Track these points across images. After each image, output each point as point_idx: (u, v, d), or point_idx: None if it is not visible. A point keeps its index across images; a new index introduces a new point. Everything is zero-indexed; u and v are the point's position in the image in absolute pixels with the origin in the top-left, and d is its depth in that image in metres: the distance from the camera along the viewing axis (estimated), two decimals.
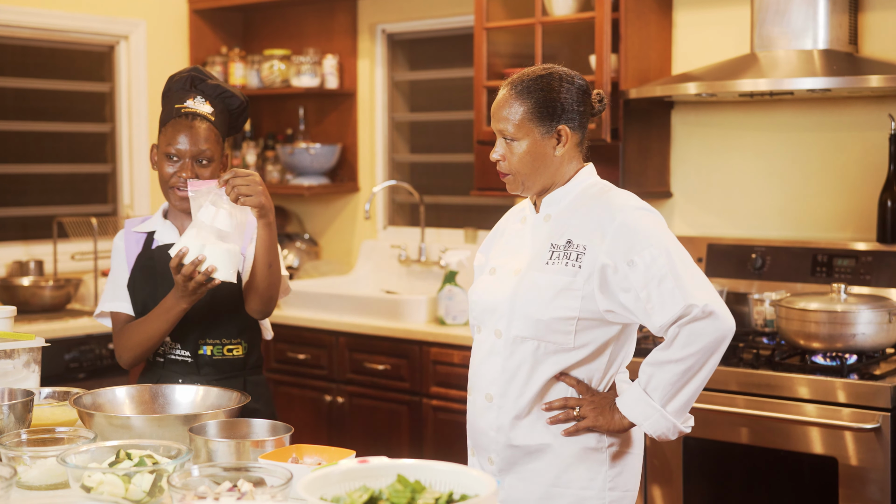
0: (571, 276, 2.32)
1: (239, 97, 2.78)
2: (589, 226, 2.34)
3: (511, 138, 2.37)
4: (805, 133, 4.04)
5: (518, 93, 2.37)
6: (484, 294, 2.46)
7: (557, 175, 2.42)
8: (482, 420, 2.44)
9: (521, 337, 2.37)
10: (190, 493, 1.81)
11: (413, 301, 4.53)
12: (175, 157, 2.67)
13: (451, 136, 5.18)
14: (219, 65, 5.51)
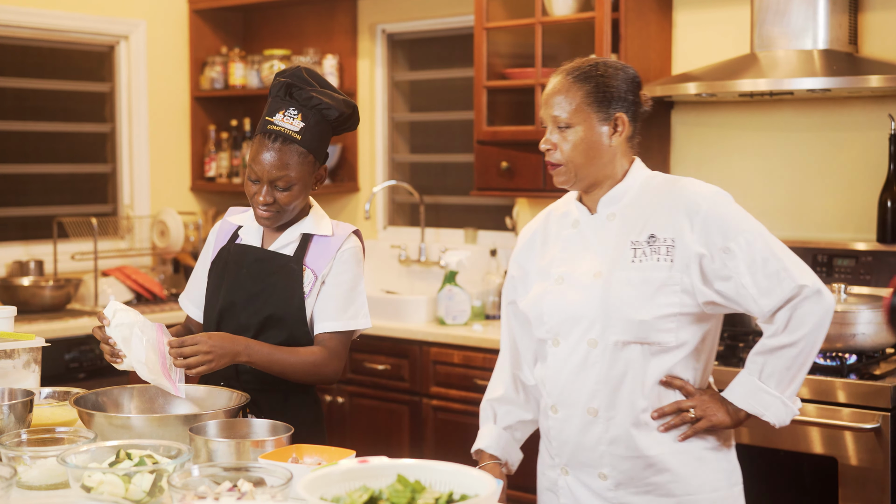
0: (667, 271, 2.23)
1: (338, 109, 2.58)
2: (670, 218, 2.26)
3: (566, 125, 2.29)
4: (805, 133, 4.04)
5: (575, 78, 2.30)
6: (561, 303, 2.32)
7: (609, 168, 2.32)
8: (587, 436, 2.32)
9: (622, 342, 2.25)
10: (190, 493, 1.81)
11: (413, 301, 4.53)
12: (255, 179, 2.55)
13: (451, 136, 5.18)
14: (219, 65, 5.51)
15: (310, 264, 2.59)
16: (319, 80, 2.63)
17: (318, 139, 2.58)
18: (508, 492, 4.04)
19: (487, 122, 4.39)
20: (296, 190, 2.56)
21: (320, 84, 2.62)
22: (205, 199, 5.69)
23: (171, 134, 5.55)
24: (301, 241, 2.62)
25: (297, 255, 2.60)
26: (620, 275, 2.26)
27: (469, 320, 4.47)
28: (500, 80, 4.38)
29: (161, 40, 5.48)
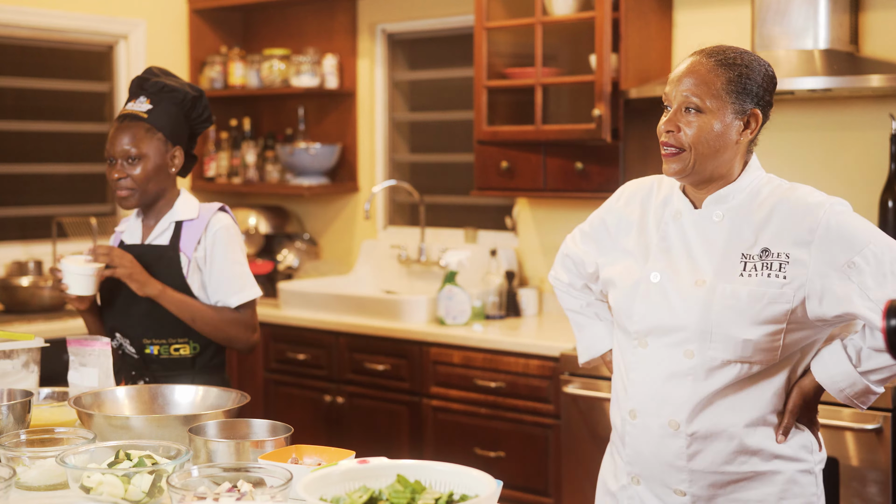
0: (778, 288, 2.09)
1: (182, 90, 2.86)
2: (787, 230, 2.11)
3: (697, 108, 2.12)
4: (805, 133, 4.04)
5: (717, 62, 2.13)
6: (657, 308, 2.19)
7: (728, 166, 2.17)
8: (665, 450, 2.18)
9: (723, 360, 2.12)
10: (189, 494, 1.81)
11: (413, 301, 4.52)
12: (109, 159, 2.87)
13: (451, 136, 5.18)
14: (218, 64, 5.51)
15: (183, 248, 2.86)
16: (168, 74, 2.94)
17: (165, 118, 2.85)
18: (513, 492, 4.05)
19: (487, 121, 4.38)
20: (148, 166, 2.84)
21: (169, 77, 2.93)
22: (204, 199, 5.68)
23: None
24: (175, 229, 2.88)
25: (173, 242, 2.86)
26: (726, 287, 2.12)
27: (469, 320, 4.47)
28: (500, 80, 4.37)
29: (161, 40, 5.48)
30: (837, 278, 2.07)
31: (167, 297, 2.79)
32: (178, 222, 2.89)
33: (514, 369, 4.06)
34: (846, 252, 2.07)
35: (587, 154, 4.18)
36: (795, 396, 2.17)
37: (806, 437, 2.21)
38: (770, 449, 2.16)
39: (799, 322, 2.12)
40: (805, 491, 2.18)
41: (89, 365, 2.57)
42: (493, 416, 4.14)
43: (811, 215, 2.10)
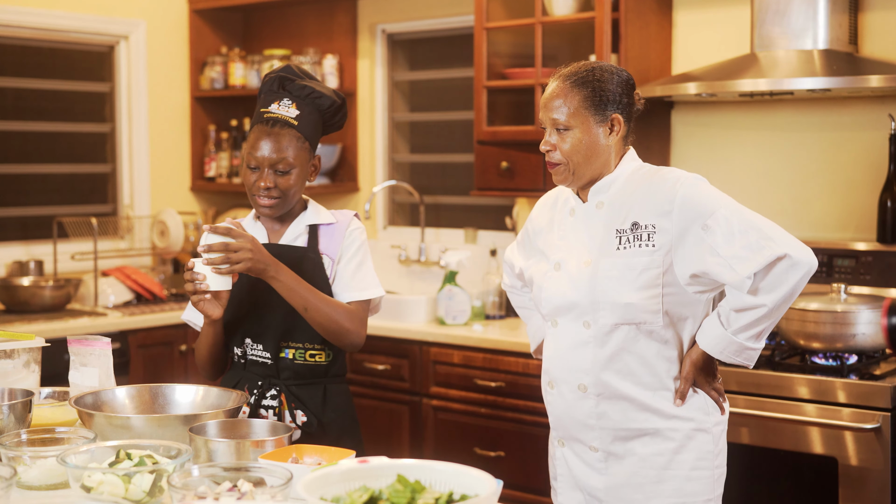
0: (649, 255, 2.39)
1: (330, 97, 2.69)
2: (651, 204, 2.41)
3: (564, 127, 2.44)
4: (805, 133, 4.04)
5: (572, 84, 2.45)
6: (557, 290, 2.50)
7: (605, 166, 2.48)
8: (578, 411, 2.49)
9: (612, 324, 2.42)
10: (190, 493, 1.81)
11: (413, 301, 4.52)
12: (255, 166, 2.61)
13: (451, 136, 5.18)
14: (219, 65, 5.51)
15: (324, 251, 2.67)
16: (309, 75, 2.75)
17: (312, 127, 2.68)
18: (513, 492, 4.06)
19: (487, 122, 4.39)
20: (295, 175, 2.63)
21: (310, 78, 2.74)
22: (205, 199, 5.69)
23: (171, 134, 5.55)
24: (310, 233, 2.69)
25: (312, 245, 2.67)
26: (606, 262, 2.42)
27: (469, 320, 4.47)
28: (500, 80, 4.38)
29: (161, 40, 5.48)
30: (693, 240, 2.36)
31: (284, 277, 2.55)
32: (312, 226, 2.70)
33: (514, 369, 4.07)
34: (701, 216, 2.36)
35: None
36: (686, 364, 2.45)
37: (701, 400, 2.47)
38: (668, 410, 2.44)
39: (673, 285, 2.40)
40: (701, 448, 2.45)
41: (90, 365, 2.57)
42: (493, 416, 4.14)
43: (670, 188, 2.40)
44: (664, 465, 2.45)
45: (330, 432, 2.61)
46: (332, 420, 2.64)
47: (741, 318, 2.37)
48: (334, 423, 2.64)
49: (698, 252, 2.36)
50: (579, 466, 2.54)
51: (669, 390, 2.45)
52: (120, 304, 4.95)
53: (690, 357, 2.45)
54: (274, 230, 2.70)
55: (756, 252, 2.32)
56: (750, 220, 2.37)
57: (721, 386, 2.51)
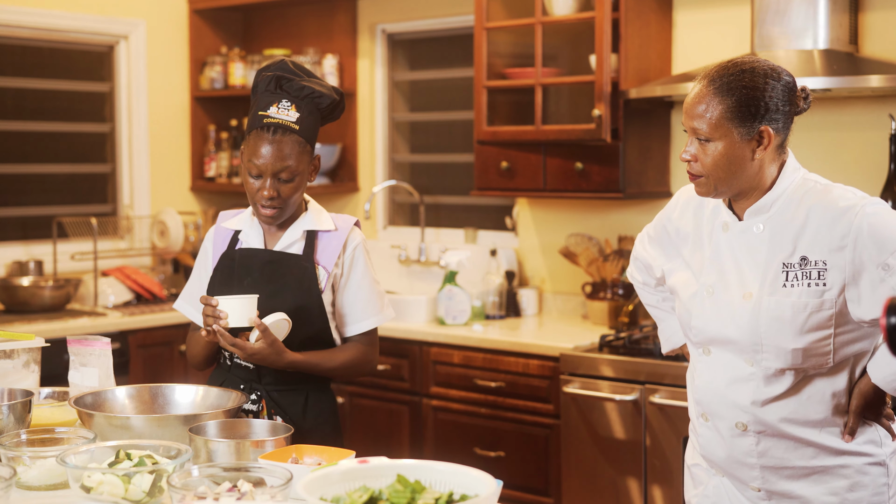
0: (818, 297, 2.15)
1: (329, 96, 2.60)
2: (823, 237, 2.16)
3: (706, 138, 2.18)
4: (805, 133, 4.04)
5: (717, 89, 2.17)
6: (712, 322, 2.27)
7: (756, 179, 2.22)
8: (736, 449, 2.28)
9: (777, 368, 2.20)
10: (190, 494, 1.81)
11: (413, 301, 4.52)
12: (257, 174, 2.55)
13: (451, 136, 5.18)
14: (219, 65, 5.51)
15: (320, 261, 2.61)
16: (305, 70, 2.65)
17: (312, 128, 2.60)
18: (513, 492, 4.06)
19: (487, 122, 4.39)
20: (297, 181, 2.57)
21: (307, 74, 2.64)
22: (205, 199, 5.69)
23: (170, 134, 5.55)
24: (307, 239, 2.63)
25: (307, 253, 2.61)
26: (771, 300, 2.18)
27: (469, 320, 4.47)
28: (500, 80, 4.38)
29: (161, 40, 5.48)
30: (872, 281, 2.12)
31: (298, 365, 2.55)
32: (310, 232, 2.64)
33: (514, 369, 4.06)
34: (880, 254, 2.11)
35: (587, 154, 4.18)
36: (856, 398, 2.23)
37: (872, 433, 2.26)
38: (837, 446, 2.23)
39: (847, 324, 2.17)
40: (875, 482, 2.25)
41: (90, 365, 2.57)
42: (493, 416, 4.14)
43: (844, 220, 2.14)
44: None
45: (309, 439, 2.56)
46: (313, 427, 2.60)
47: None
48: (314, 431, 2.59)
49: (879, 294, 2.11)
50: (740, 500, 2.33)
51: (837, 426, 2.23)
52: (120, 304, 4.95)
53: (861, 390, 2.21)
54: (271, 232, 2.66)
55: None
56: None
57: (892, 411, 2.27)
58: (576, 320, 4.50)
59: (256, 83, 2.62)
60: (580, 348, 3.89)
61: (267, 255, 2.62)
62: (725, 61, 2.22)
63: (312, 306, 2.58)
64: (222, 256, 2.68)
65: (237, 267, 2.64)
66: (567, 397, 3.81)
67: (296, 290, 2.58)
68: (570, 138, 4.14)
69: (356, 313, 2.64)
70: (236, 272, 2.63)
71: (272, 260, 2.61)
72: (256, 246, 2.65)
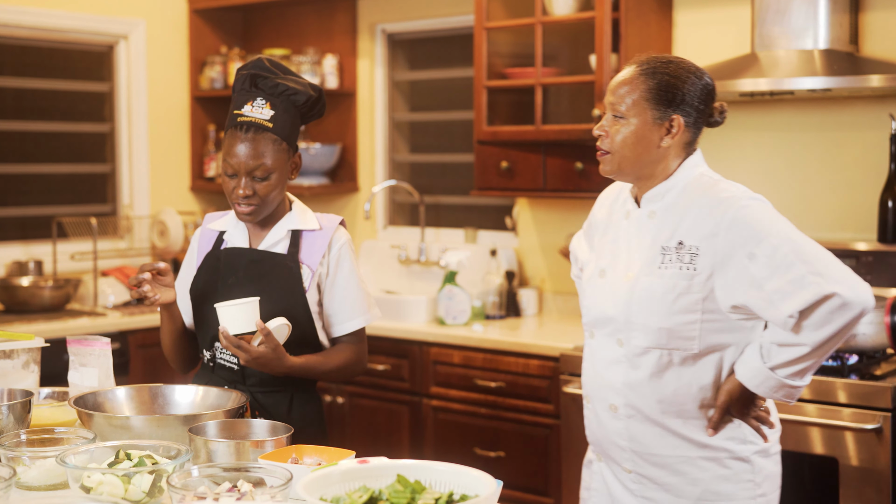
0: (688, 280, 2.23)
1: (305, 93, 2.58)
2: (699, 224, 2.25)
3: (621, 115, 2.28)
4: (805, 133, 4.04)
5: (643, 71, 2.29)
6: (595, 300, 2.38)
7: (658, 168, 2.32)
8: (609, 430, 2.38)
9: (643, 347, 2.29)
10: (190, 494, 1.81)
11: (413, 301, 4.52)
12: (231, 173, 2.55)
13: (451, 136, 5.18)
14: (218, 64, 5.51)
15: (305, 260, 2.61)
16: (282, 68, 2.64)
17: (288, 126, 2.59)
18: (513, 492, 4.05)
19: (487, 121, 4.39)
20: (274, 179, 2.57)
21: (283, 72, 2.63)
22: (204, 199, 5.69)
23: (170, 134, 5.55)
24: (292, 238, 2.63)
25: (291, 252, 2.61)
26: (646, 280, 2.28)
27: (469, 320, 4.47)
28: (500, 80, 4.37)
29: (161, 40, 5.48)
30: (736, 268, 2.20)
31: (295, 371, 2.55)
32: (295, 231, 2.63)
33: (514, 369, 4.06)
34: (747, 243, 2.19)
35: (587, 154, 4.18)
36: (722, 394, 2.29)
37: (737, 430, 2.32)
38: (700, 439, 2.30)
39: (714, 311, 2.24)
40: (737, 477, 2.31)
41: (89, 365, 2.56)
42: (493, 416, 4.14)
43: (720, 209, 2.23)
44: (699, 496, 2.31)
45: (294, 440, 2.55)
46: (298, 428, 2.54)
47: (781, 354, 2.19)
48: (300, 432, 2.53)
49: (740, 282, 2.19)
50: (615, 484, 2.43)
51: (703, 419, 2.30)
52: (119, 304, 4.95)
53: (727, 387, 2.28)
54: (256, 231, 2.66)
55: (801, 288, 2.12)
56: (802, 251, 2.16)
57: (765, 413, 2.32)
58: (576, 320, 4.50)
59: (234, 81, 2.63)
60: (580, 348, 3.89)
61: (251, 255, 2.63)
62: (659, 54, 2.35)
63: (297, 305, 2.58)
64: (207, 256, 2.69)
65: (222, 266, 2.64)
66: (567, 397, 3.81)
67: (280, 290, 2.58)
68: (570, 138, 4.14)
69: (343, 313, 2.64)
70: (221, 271, 2.64)
71: (256, 259, 2.62)
72: (241, 245, 2.66)
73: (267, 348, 2.45)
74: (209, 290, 2.62)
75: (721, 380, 2.30)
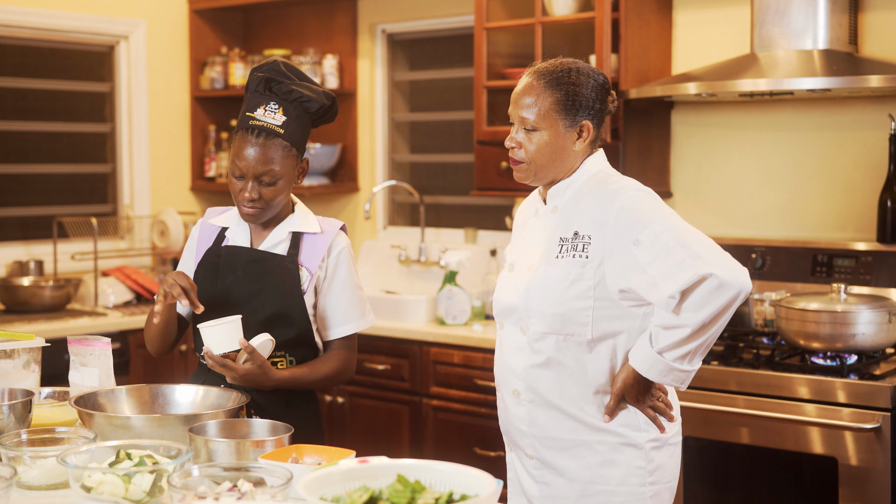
0: (580, 267, 2.34)
1: (318, 101, 2.59)
2: (592, 215, 2.36)
3: (532, 128, 2.39)
4: (805, 133, 4.04)
5: (546, 83, 2.39)
6: (502, 292, 2.49)
7: (567, 170, 2.43)
8: (513, 416, 2.47)
9: (541, 332, 2.39)
10: (190, 493, 1.81)
11: (413, 301, 4.53)
12: (239, 175, 2.55)
13: (451, 136, 5.18)
14: (219, 65, 5.51)
15: (304, 262, 2.62)
16: (297, 73, 2.64)
17: (299, 132, 2.59)
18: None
19: (487, 122, 4.39)
20: (281, 184, 2.57)
21: (298, 77, 2.63)
22: (205, 199, 5.69)
23: (171, 134, 5.55)
24: (292, 240, 2.64)
25: (291, 254, 2.62)
26: (543, 269, 2.39)
27: (469, 320, 4.47)
28: (500, 80, 4.38)
29: (161, 40, 5.48)
30: (623, 254, 2.31)
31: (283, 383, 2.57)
32: (296, 233, 2.64)
33: None
34: (633, 231, 2.30)
35: None
36: (617, 381, 2.38)
37: (632, 417, 2.40)
38: (595, 423, 2.39)
39: (606, 299, 2.34)
40: (628, 462, 2.39)
41: (90, 365, 2.57)
42: (493, 416, 4.13)
43: (609, 199, 2.35)
44: (590, 479, 2.40)
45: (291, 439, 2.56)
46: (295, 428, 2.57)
47: (667, 337, 2.29)
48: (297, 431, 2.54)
49: (626, 267, 2.30)
50: (522, 473, 2.51)
51: (599, 404, 2.39)
52: (120, 304, 4.95)
53: (622, 374, 2.37)
54: (257, 231, 2.67)
55: (680, 270, 2.23)
56: (682, 237, 2.28)
57: (662, 404, 2.42)
58: None
59: (248, 84, 2.63)
60: None
61: (252, 254, 2.63)
62: (550, 60, 2.45)
63: (294, 307, 2.59)
64: (207, 252, 2.69)
65: (222, 264, 2.65)
66: None
67: (278, 291, 2.59)
68: None
69: (337, 317, 2.65)
70: (221, 269, 2.65)
71: (256, 259, 2.62)
72: (242, 244, 2.66)
73: (253, 365, 2.47)
74: (209, 287, 2.63)
75: (616, 367, 2.39)
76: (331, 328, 2.66)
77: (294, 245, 2.63)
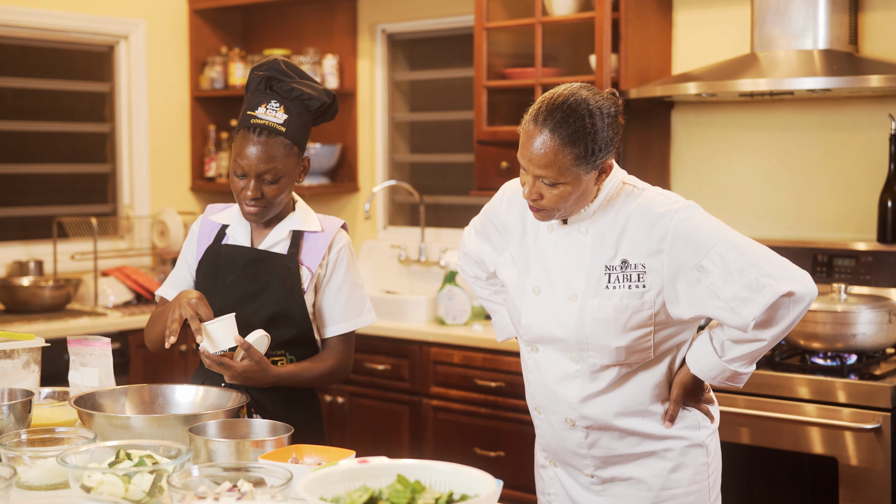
0: (638, 298, 2.27)
1: (319, 99, 2.59)
2: (641, 242, 2.27)
3: (553, 183, 2.23)
4: (805, 133, 4.04)
5: (563, 140, 2.19)
6: (537, 319, 2.38)
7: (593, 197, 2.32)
8: (568, 441, 2.43)
9: (601, 364, 2.33)
10: (190, 493, 1.81)
11: (413, 301, 4.52)
12: (241, 173, 2.55)
13: (451, 136, 5.18)
14: (219, 65, 5.51)
15: (304, 261, 2.62)
16: (298, 71, 2.64)
17: (300, 130, 2.59)
18: (513, 492, 4.05)
19: (487, 122, 4.39)
20: (283, 182, 2.57)
21: (299, 75, 2.63)
22: (205, 199, 5.69)
23: (171, 134, 5.55)
24: (293, 239, 2.64)
25: (292, 253, 2.62)
26: (595, 302, 2.29)
27: (469, 320, 4.47)
28: (500, 80, 4.38)
29: (161, 40, 5.48)
30: (689, 282, 2.24)
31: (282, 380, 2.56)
32: (296, 232, 2.64)
33: (514, 369, 4.06)
34: (694, 256, 2.23)
35: None
36: (676, 387, 2.37)
37: (691, 418, 2.40)
38: (659, 432, 2.37)
39: (664, 323, 2.30)
40: (695, 462, 2.39)
41: (90, 365, 2.57)
42: (493, 416, 4.14)
43: (660, 224, 2.26)
44: (662, 486, 2.39)
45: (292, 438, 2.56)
46: (296, 428, 2.57)
47: (739, 349, 2.29)
48: (297, 431, 2.53)
49: (695, 295, 2.24)
50: (576, 488, 2.49)
51: (659, 413, 2.38)
52: (120, 304, 4.95)
53: (680, 380, 2.36)
54: (258, 229, 2.67)
55: (757, 292, 2.20)
56: (747, 255, 2.22)
57: (710, 395, 2.43)
58: None
59: (248, 82, 2.63)
60: None
61: (251, 254, 2.63)
62: (560, 102, 2.22)
63: (294, 306, 2.59)
64: (208, 250, 2.69)
65: (222, 262, 2.65)
66: None
67: (278, 290, 2.59)
68: None
69: (335, 315, 2.65)
70: (221, 268, 2.64)
71: (256, 258, 2.62)
72: (243, 243, 2.66)
73: (251, 362, 2.46)
74: (209, 286, 2.63)
75: (672, 373, 2.38)
76: (328, 325, 2.66)
77: (294, 243, 2.63)
